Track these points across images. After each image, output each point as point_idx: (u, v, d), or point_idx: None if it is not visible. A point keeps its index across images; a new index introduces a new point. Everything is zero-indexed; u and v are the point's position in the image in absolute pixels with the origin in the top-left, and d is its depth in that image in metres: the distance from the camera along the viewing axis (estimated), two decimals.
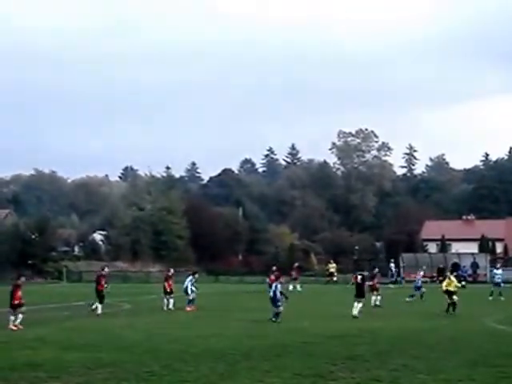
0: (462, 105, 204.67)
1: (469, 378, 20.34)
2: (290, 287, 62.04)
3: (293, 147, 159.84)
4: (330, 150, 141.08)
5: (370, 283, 45.99)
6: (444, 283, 42.01)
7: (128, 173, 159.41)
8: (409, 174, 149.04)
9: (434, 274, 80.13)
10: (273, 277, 50.58)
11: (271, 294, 39.01)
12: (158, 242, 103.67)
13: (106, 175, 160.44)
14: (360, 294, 39.94)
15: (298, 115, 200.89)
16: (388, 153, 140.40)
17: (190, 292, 45.56)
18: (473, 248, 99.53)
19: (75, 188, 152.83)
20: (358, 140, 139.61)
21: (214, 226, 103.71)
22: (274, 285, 38.70)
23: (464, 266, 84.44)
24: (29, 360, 24.20)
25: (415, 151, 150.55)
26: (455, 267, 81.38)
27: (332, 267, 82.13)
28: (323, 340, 29.33)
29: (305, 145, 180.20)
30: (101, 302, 40.61)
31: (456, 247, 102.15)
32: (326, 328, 33.60)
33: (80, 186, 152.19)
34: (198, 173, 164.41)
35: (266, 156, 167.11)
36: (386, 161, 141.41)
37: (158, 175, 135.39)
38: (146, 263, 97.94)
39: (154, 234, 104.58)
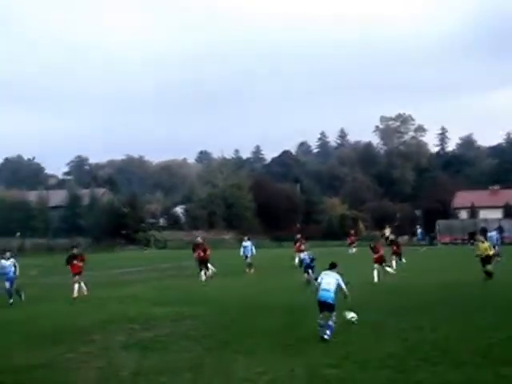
0: (486, 93, 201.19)
1: (496, 326, 20.08)
2: (354, 250, 61.81)
3: (342, 131, 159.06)
4: (374, 132, 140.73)
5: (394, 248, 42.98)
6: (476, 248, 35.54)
7: (203, 156, 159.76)
8: (442, 152, 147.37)
9: (466, 238, 79.41)
10: (298, 244, 49.93)
11: (299, 261, 38.91)
12: (229, 213, 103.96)
13: (185, 158, 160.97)
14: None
15: (345, 102, 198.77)
16: (423, 133, 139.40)
17: (249, 255, 44.16)
18: (498, 214, 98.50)
19: (159, 170, 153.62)
20: (398, 123, 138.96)
21: (275, 200, 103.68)
22: (302, 255, 37.50)
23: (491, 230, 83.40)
24: (124, 314, 24.39)
25: (447, 132, 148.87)
26: (483, 231, 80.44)
27: (386, 231, 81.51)
28: (371, 294, 29.12)
29: (352, 128, 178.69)
30: (200, 269, 38.84)
31: (484, 214, 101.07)
32: (375, 284, 33.33)
33: (163, 168, 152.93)
34: (262, 154, 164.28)
35: (319, 139, 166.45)
36: (421, 141, 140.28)
37: (229, 157, 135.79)
38: (220, 232, 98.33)
39: (226, 207, 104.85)
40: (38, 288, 29.05)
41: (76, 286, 30.82)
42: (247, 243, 44.98)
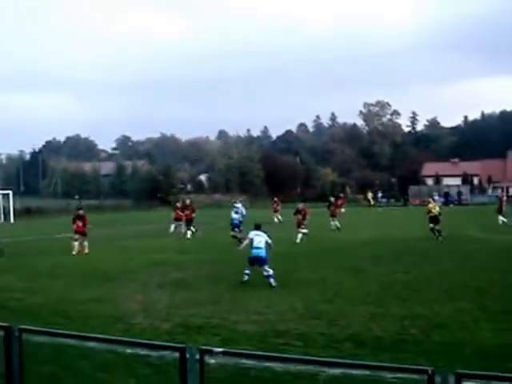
0: (448, 83, 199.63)
1: (459, 268, 20.19)
2: (343, 210, 60.76)
3: (333, 114, 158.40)
4: (358, 115, 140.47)
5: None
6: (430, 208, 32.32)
7: (222, 134, 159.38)
8: (412, 131, 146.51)
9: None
10: (275, 205, 49.24)
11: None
12: (243, 180, 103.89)
13: (207, 136, 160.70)
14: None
15: (336, 91, 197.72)
16: (398, 116, 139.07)
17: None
18: (458, 181, 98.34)
19: (188, 145, 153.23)
20: (377, 108, 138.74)
21: (280, 169, 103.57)
22: (234, 216, 32.50)
23: (451, 194, 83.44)
24: (160, 259, 24.48)
25: (417, 115, 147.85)
26: (446, 195, 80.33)
27: (369, 195, 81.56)
28: (354, 245, 29.18)
29: (341, 112, 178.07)
30: (188, 228, 35.82)
31: (446, 181, 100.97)
32: (355, 237, 33.36)
33: (191, 144, 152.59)
34: (269, 133, 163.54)
35: (315, 121, 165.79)
36: (396, 122, 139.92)
37: (242, 135, 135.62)
38: (235, 195, 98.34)
39: (240, 175, 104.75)
40: (92, 239, 29.11)
41: (76, 243, 27.53)
42: (238, 205, 40.41)
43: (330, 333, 11.98)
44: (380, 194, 79.20)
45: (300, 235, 31.58)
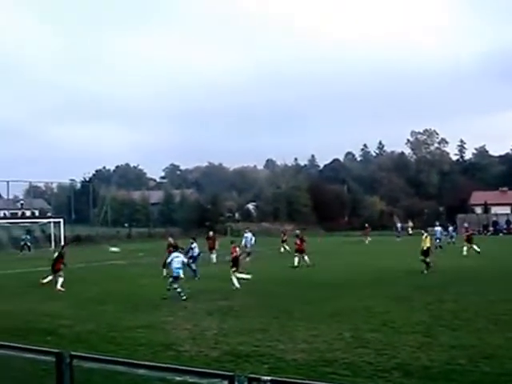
0: (497, 111, 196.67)
1: (508, 298, 19.84)
2: (368, 239, 59.81)
3: (380, 143, 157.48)
4: (406, 144, 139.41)
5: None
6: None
7: (269, 163, 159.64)
8: (460, 160, 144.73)
9: (480, 229, 78.11)
10: (283, 236, 47.58)
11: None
12: (290, 209, 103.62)
13: (255, 165, 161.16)
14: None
15: (383, 120, 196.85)
16: (446, 145, 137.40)
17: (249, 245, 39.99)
18: (507, 210, 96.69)
19: (235, 174, 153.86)
20: (425, 136, 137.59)
21: (327, 198, 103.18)
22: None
23: (500, 223, 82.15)
24: (206, 287, 24.57)
25: (465, 143, 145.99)
26: (495, 224, 79.13)
27: (410, 224, 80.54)
28: (402, 274, 28.87)
29: (389, 141, 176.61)
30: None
31: (495, 210, 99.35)
32: (402, 266, 33.00)
33: (238, 173, 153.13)
34: (316, 162, 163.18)
35: (362, 149, 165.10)
36: (444, 150, 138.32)
37: (289, 164, 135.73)
38: (282, 223, 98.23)
39: (288, 204, 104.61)
40: (142, 267, 29.39)
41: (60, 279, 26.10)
42: (248, 234, 41.41)
43: (378, 362, 11.89)
44: (399, 225, 77.59)
45: (297, 259, 33.77)
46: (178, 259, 22.58)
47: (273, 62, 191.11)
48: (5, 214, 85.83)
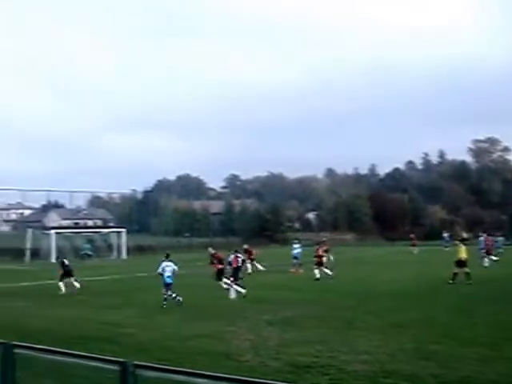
0: None
1: None
2: (415, 250, 58.95)
3: (441, 151, 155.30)
4: (467, 152, 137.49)
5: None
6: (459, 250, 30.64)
7: (329, 172, 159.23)
8: None
9: None
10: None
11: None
12: (351, 218, 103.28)
13: (315, 174, 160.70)
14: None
15: (444, 128, 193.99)
16: (508, 153, 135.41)
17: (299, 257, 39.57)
18: None
19: (295, 183, 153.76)
20: (487, 145, 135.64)
21: (388, 207, 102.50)
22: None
23: None
24: (268, 297, 24.65)
25: None
26: None
27: (464, 235, 78.78)
28: (458, 285, 28.35)
29: (449, 149, 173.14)
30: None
31: None
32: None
33: (298, 182, 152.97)
34: (376, 171, 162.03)
35: (423, 158, 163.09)
36: (507, 158, 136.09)
37: (350, 173, 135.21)
38: (342, 233, 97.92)
39: (348, 213, 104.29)
40: (201, 276, 29.62)
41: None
42: (296, 245, 40.93)
43: (442, 375, 11.72)
44: (446, 234, 75.84)
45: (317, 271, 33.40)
46: (169, 268, 23.88)
47: (328, 69, 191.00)
48: (68, 223, 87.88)
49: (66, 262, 31.30)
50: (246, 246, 40.67)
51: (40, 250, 62.91)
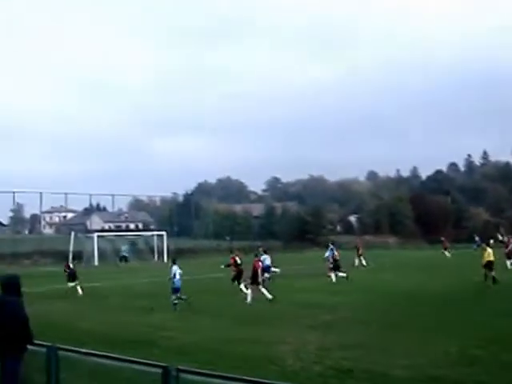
0: None
1: None
2: (447, 253, 58.15)
3: (485, 152, 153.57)
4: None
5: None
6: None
7: (371, 175, 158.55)
8: None
9: None
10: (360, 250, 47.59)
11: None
12: (393, 221, 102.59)
13: (356, 177, 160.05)
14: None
15: (488, 129, 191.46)
16: None
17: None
18: None
19: (336, 186, 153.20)
20: None
21: (430, 209, 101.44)
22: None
23: None
24: (308, 301, 24.59)
25: None
26: None
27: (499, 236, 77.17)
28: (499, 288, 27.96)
29: (493, 150, 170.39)
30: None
31: None
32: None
33: (339, 185, 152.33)
34: (418, 173, 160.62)
35: (466, 160, 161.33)
36: None
37: (392, 176, 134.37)
38: (384, 236, 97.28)
39: (390, 216, 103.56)
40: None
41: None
42: (332, 247, 39.61)
43: (487, 382, 11.54)
44: (477, 238, 74.28)
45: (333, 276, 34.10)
46: (178, 271, 24.86)
47: (367, 70, 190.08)
48: (110, 226, 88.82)
49: (71, 265, 32.71)
50: (260, 247, 38.23)
51: (83, 252, 63.63)
